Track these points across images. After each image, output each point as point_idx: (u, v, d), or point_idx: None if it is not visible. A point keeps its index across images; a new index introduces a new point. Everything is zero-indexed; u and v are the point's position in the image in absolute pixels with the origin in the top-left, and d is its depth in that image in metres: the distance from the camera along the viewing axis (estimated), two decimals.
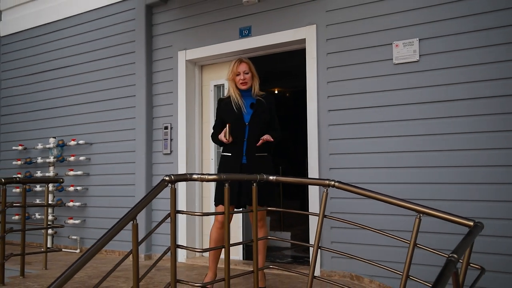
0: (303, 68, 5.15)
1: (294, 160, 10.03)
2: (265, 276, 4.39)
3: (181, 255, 5.79)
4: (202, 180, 3.73)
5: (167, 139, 6.07)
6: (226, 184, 3.65)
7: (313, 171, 4.97)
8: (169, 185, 3.50)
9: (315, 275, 4.37)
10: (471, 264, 3.24)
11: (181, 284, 3.89)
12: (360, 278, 4.67)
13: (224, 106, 4.33)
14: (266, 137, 4.15)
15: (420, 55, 4.44)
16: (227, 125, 4.14)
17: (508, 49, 4.07)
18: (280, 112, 5.01)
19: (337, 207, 4.76)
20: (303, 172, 5.09)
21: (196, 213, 3.91)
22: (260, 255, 4.14)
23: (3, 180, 4.90)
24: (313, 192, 4.97)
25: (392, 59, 4.59)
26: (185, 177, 3.72)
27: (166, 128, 6.09)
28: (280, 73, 8.93)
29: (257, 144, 4.16)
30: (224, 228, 4.22)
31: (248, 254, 5.77)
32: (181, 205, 5.77)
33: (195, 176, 3.71)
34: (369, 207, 4.48)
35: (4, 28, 8.15)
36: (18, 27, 7.92)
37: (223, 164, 4.31)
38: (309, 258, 4.93)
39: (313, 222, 4.92)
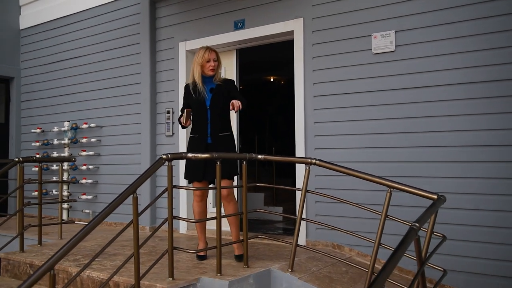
0: None
1: (286, 141, 10.11)
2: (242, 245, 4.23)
3: (182, 227, 5.90)
4: (195, 158, 3.80)
5: (169, 123, 6.13)
6: (218, 162, 3.73)
7: (300, 151, 5.04)
8: (166, 162, 3.58)
9: (300, 244, 4.48)
10: (434, 233, 3.33)
11: (179, 252, 4.01)
12: (341, 247, 4.76)
13: (189, 92, 4.29)
14: (236, 103, 4.04)
15: (396, 46, 4.48)
16: (185, 111, 4.14)
17: (470, 41, 4.13)
18: (276, 99, 5.11)
19: (321, 183, 4.83)
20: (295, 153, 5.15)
21: (190, 188, 3.97)
22: (233, 227, 4.20)
23: (20, 159, 4.98)
24: (300, 170, 5.03)
25: (371, 49, 4.63)
26: (181, 156, 3.80)
27: (168, 112, 6.13)
28: (277, 62, 8.92)
29: (231, 110, 4.09)
30: (203, 201, 4.29)
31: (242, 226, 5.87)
32: (183, 182, 5.84)
33: (189, 155, 3.78)
34: (349, 183, 4.53)
35: (23, 21, 8.19)
36: (36, 21, 7.95)
37: (191, 145, 4.29)
38: (303, 231, 5.02)
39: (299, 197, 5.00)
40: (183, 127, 4.34)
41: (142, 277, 3.41)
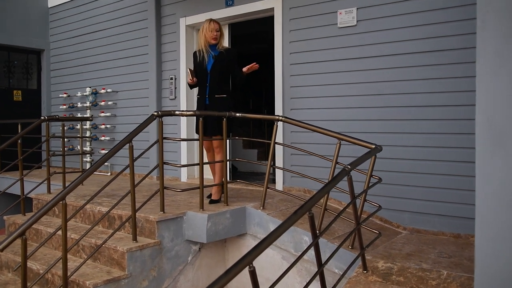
0: None
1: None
2: (222, 190, 4.47)
3: (183, 176, 6.33)
4: (182, 115, 4.19)
5: (172, 88, 6.46)
6: (200, 118, 4.10)
7: (278, 111, 5.34)
8: (157, 118, 3.95)
9: (278, 189, 4.89)
10: (373, 176, 3.69)
11: (177, 194, 4.35)
12: (311, 191, 5.10)
13: (195, 57, 4.52)
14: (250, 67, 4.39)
15: (357, 21, 4.71)
16: (188, 69, 4.37)
17: (417, 17, 4.34)
18: (268, 65, 5.38)
19: (295, 138, 5.16)
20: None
21: (176, 139, 4.35)
22: (217, 174, 4.46)
23: (46, 118, 5.43)
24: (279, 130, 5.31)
25: (337, 23, 4.85)
26: (170, 113, 4.14)
27: (171, 79, 6.44)
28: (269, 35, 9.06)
29: (244, 71, 4.41)
30: (210, 152, 4.55)
31: (234, 177, 6.30)
32: (183, 137, 6.25)
33: (177, 112, 4.14)
34: (316, 138, 4.70)
35: (51, 0, 8.50)
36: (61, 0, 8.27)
37: (196, 104, 4.59)
38: (280, 179, 5.39)
39: (279, 152, 5.36)
40: (191, 86, 4.55)
41: (138, 210, 3.85)
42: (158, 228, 3.91)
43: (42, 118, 5.40)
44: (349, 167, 3.12)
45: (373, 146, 3.58)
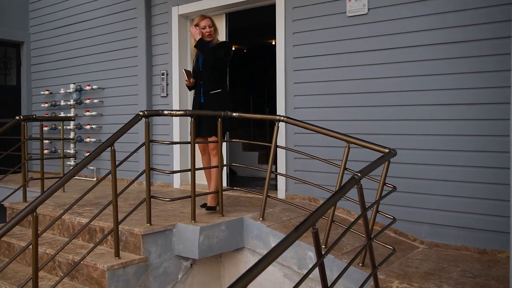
0: None
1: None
2: (218, 197, 4.25)
3: (176, 183, 6.16)
4: (171, 115, 4.02)
5: (164, 84, 6.31)
6: (192, 119, 3.93)
7: (280, 110, 5.17)
8: (143, 119, 3.78)
9: (280, 197, 4.72)
10: (386, 184, 3.51)
11: (166, 204, 4.19)
12: (317, 200, 4.95)
13: (193, 58, 4.51)
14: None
15: (368, 9, 4.54)
16: (183, 70, 4.32)
17: (439, 4, 4.16)
18: (265, 61, 5.21)
19: (299, 141, 5.01)
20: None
21: (165, 142, 4.17)
22: (213, 180, 4.32)
23: (22, 117, 5.27)
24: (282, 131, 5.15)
25: (345, 12, 4.69)
26: (158, 113, 3.97)
27: (163, 74, 6.29)
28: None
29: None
30: (205, 155, 4.45)
31: (232, 182, 6.12)
32: (176, 138, 6.10)
33: (166, 112, 3.96)
34: (322, 141, 4.59)
35: None
36: None
37: (192, 103, 4.51)
38: (283, 185, 5.22)
39: (281, 155, 5.20)
40: (190, 88, 4.50)
41: (121, 222, 3.68)
42: (144, 243, 3.74)
43: (18, 118, 5.24)
44: (359, 174, 2.93)
45: (387, 150, 3.40)
